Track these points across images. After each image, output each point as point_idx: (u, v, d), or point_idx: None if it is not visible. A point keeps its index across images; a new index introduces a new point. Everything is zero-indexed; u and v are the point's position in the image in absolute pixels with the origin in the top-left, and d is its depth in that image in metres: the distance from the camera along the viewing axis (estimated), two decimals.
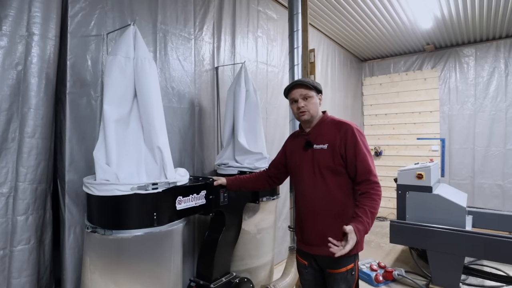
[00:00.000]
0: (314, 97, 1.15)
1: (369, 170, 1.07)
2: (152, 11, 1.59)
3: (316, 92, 1.16)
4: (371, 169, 1.07)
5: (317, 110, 1.16)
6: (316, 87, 1.16)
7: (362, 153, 1.08)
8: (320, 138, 1.14)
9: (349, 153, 1.08)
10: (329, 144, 1.11)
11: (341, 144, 1.09)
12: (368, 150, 1.10)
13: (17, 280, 1.08)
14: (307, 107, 1.13)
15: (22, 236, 1.10)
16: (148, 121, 1.13)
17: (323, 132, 1.15)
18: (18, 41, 1.11)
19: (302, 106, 1.13)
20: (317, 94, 1.17)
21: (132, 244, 1.04)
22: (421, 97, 3.91)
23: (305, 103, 1.13)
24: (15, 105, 1.11)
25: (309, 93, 1.14)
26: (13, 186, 1.09)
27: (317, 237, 1.12)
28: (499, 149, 3.43)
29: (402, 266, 2.49)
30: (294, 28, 1.83)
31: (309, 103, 1.13)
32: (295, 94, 1.15)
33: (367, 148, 1.11)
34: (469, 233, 1.94)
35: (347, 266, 1.10)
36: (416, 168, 2.24)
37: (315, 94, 1.15)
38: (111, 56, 1.10)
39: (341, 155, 1.09)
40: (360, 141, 1.09)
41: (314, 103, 1.14)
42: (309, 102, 1.13)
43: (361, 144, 1.08)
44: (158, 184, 1.07)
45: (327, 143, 1.11)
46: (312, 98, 1.14)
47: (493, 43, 3.48)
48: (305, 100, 1.13)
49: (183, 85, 1.76)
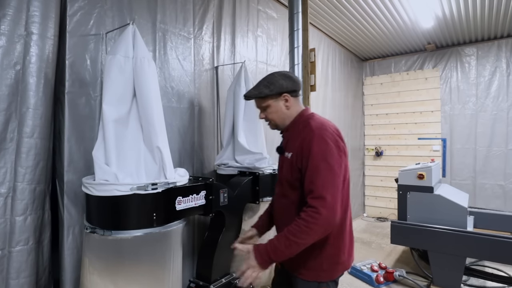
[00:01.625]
0: (272, 105, 0.97)
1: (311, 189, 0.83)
2: (151, 10, 1.59)
3: (274, 96, 0.97)
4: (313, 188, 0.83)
5: (283, 115, 0.99)
6: (268, 94, 0.96)
7: (313, 164, 0.85)
8: (290, 143, 0.97)
9: (304, 165, 0.88)
10: (293, 153, 0.93)
11: (298, 154, 0.90)
12: (325, 162, 0.84)
13: (16, 281, 1.08)
14: (267, 118, 1.01)
15: (20, 237, 1.09)
16: (148, 121, 1.13)
17: (292, 137, 0.97)
18: (17, 40, 1.10)
19: (262, 118, 1.02)
20: (277, 98, 0.97)
21: (131, 244, 1.04)
22: (422, 96, 3.89)
23: (265, 114, 1.00)
24: (14, 105, 1.10)
25: (263, 103, 0.98)
26: (12, 186, 1.09)
27: None
28: (500, 149, 3.41)
29: (403, 267, 2.48)
30: (294, 27, 1.82)
31: (268, 113, 0.99)
32: (256, 105, 1.02)
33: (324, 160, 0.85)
34: (471, 233, 1.93)
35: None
36: (417, 168, 2.23)
37: (272, 100, 0.97)
38: (110, 56, 1.10)
39: (298, 167, 0.90)
40: (316, 151, 0.86)
41: (273, 112, 0.98)
42: (268, 112, 0.99)
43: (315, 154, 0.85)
44: (157, 184, 1.06)
45: (292, 152, 0.94)
46: (270, 107, 0.98)
47: (495, 42, 3.46)
48: (264, 111, 1.00)
49: (183, 85, 1.76)
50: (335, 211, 0.83)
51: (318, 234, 0.83)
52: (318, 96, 3.21)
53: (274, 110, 0.98)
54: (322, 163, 0.85)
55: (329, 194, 0.82)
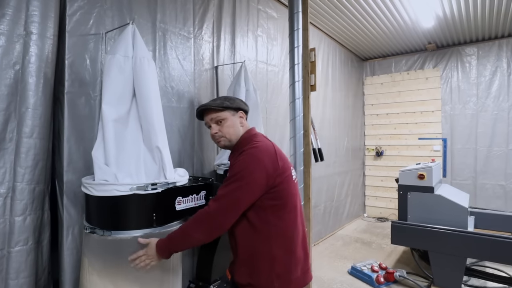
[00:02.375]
0: (229, 119, 0.97)
1: (217, 194, 0.88)
2: (151, 9, 1.58)
3: (232, 111, 0.98)
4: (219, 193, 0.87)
5: (236, 132, 0.98)
6: (229, 106, 0.97)
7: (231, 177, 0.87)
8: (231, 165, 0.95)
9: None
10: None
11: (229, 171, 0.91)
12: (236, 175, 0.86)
13: (15, 281, 1.07)
14: (221, 132, 0.98)
15: (20, 237, 1.09)
16: (147, 121, 1.12)
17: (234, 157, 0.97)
18: (16, 40, 1.10)
19: (215, 133, 0.99)
20: (234, 113, 0.99)
21: (131, 245, 1.03)
22: (423, 96, 3.89)
23: (219, 128, 0.98)
24: (13, 104, 1.10)
25: (221, 115, 0.97)
26: (11, 186, 1.08)
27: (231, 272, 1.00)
28: (501, 149, 3.40)
29: (404, 267, 2.47)
30: (294, 27, 1.81)
31: (223, 126, 0.98)
32: (207, 120, 1.01)
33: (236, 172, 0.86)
34: (471, 234, 1.93)
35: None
36: (418, 169, 2.22)
37: (230, 114, 0.98)
38: (110, 55, 1.09)
39: None
40: (236, 164, 0.88)
41: (229, 126, 0.97)
42: (223, 125, 0.97)
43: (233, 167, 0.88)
44: (157, 184, 1.06)
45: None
46: (226, 121, 0.97)
47: (496, 42, 3.45)
48: (218, 124, 0.98)
49: (183, 85, 1.75)
50: (225, 217, 0.86)
51: (205, 232, 0.87)
52: (318, 96, 3.21)
53: (230, 124, 0.98)
54: (236, 174, 0.87)
55: (226, 200, 0.86)
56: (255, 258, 0.91)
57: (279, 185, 0.90)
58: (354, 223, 3.87)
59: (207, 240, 0.89)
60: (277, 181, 0.89)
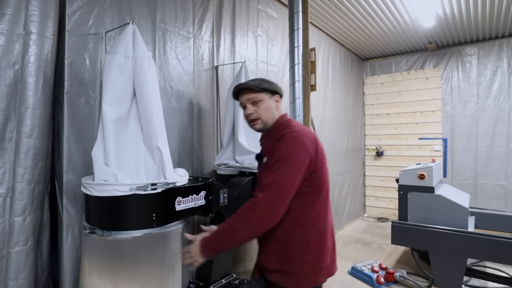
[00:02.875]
0: (266, 101, 0.95)
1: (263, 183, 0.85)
2: (151, 9, 1.58)
3: (269, 94, 0.96)
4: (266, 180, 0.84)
5: (272, 115, 0.97)
6: (267, 88, 0.96)
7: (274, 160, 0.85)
8: (265, 150, 0.96)
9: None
10: (268, 156, 0.93)
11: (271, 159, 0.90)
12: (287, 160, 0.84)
13: (14, 281, 1.07)
14: (257, 113, 0.95)
15: (19, 237, 1.09)
16: (147, 121, 1.12)
17: (269, 143, 0.96)
18: (16, 40, 1.10)
19: (250, 113, 0.96)
20: (272, 96, 0.97)
21: (131, 245, 1.03)
22: (423, 96, 3.88)
23: (254, 109, 0.95)
24: (12, 104, 1.09)
25: (258, 96, 0.95)
26: (11, 186, 1.08)
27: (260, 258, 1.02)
28: (502, 149, 3.40)
29: (404, 267, 2.47)
30: (294, 27, 1.81)
31: (259, 108, 0.95)
32: (243, 100, 0.98)
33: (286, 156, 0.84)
34: (472, 234, 1.92)
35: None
36: (418, 169, 2.22)
37: (267, 96, 0.96)
38: (110, 55, 1.09)
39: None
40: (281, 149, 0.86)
41: (266, 108, 0.95)
42: (259, 107, 0.95)
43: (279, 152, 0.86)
44: (157, 184, 1.05)
45: (267, 155, 0.93)
46: (263, 102, 0.95)
47: (496, 42, 3.45)
48: (254, 105, 0.96)
49: (182, 85, 1.75)
50: (276, 206, 0.82)
51: (255, 224, 0.81)
52: (318, 96, 3.20)
53: (267, 107, 0.96)
54: (279, 160, 0.85)
55: (273, 188, 0.82)
56: (288, 244, 0.90)
57: (318, 171, 0.89)
58: (354, 223, 3.87)
59: (257, 234, 0.84)
60: (317, 166, 0.89)
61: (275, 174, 0.84)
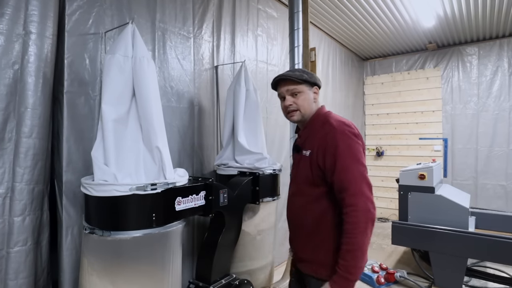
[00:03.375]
0: (306, 92, 0.95)
1: (345, 187, 0.83)
2: (151, 9, 1.58)
3: (309, 85, 0.96)
4: (347, 186, 0.83)
5: (310, 107, 0.96)
6: (307, 79, 0.95)
7: (343, 164, 0.84)
8: (308, 142, 0.96)
9: (328, 163, 0.87)
10: (311, 150, 0.92)
11: (319, 152, 0.89)
12: (357, 159, 0.86)
13: (14, 282, 1.07)
14: (296, 105, 0.95)
15: (19, 238, 1.08)
16: (147, 121, 1.12)
17: (311, 135, 0.96)
18: (15, 39, 1.10)
19: (289, 105, 0.96)
20: (311, 87, 0.96)
21: (130, 245, 1.03)
22: (424, 96, 3.87)
23: (293, 100, 0.95)
24: (12, 104, 1.09)
25: (298, 88, 0.94)
26: (10, 186, 1.08)
27: (295, 250, 1.02)
28: (502, 149, 3.39)
29: (404, 267, 2.46)
30: (294, 27, 1.80)
31: (298, 99, 0.95)
32: (282, 91, 0.98)
33: (354, 156, 0.85)
34: (472, 234, 1.92)
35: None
36: (418, 169, 2.21)
37: (307, 88, 0.95)
38: (110, 55, 1.09)
39: (319, 165, 0.89)
40: (344, 149, 0.85)
41: (305, 99, 0.95)
42: (299, 98, 0.95)
43: (343, 152, 0.85)
44: (157, 184, 1.05)
45: (310, 149, 0.93)
46: (303, 94, 0.95)
47: (497, 41, 3.44)
48: (294, 96, 0.95)
49: (182, 84, 1.75)
50: (372, 202, 0.84)
51: (369, 229, 0.83)
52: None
53: (306, 98, 0.96)
54: (349, 158, 0.85)
55: (363, 187, 0.84)
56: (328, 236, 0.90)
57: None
58: None
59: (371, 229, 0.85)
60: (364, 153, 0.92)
61: (356, 176, 0.84)
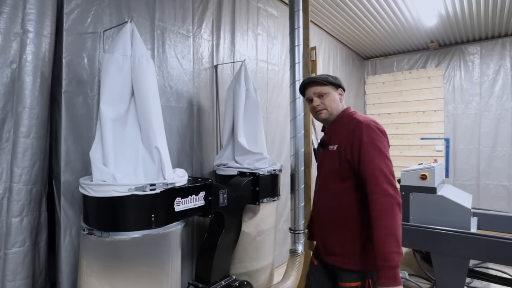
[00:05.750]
0: (331, 93, 1.05)
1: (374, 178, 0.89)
2: (150, 8, 1.56)
3: (334, 87, 1.06)
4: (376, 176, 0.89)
5: (337, 106, 1.06)
6: (332, 82, 1.06)
7: (368, 155, 0.92)
8: (334, 138, 1.04)
9: (355, 155, 0.94)
10: (339, 145, 1.00)
11: (347, 146, 0.97)
12: (381, 151, 0.93)
13: (12, 283, 1.06)
14: (324, 105, 1.05)
15: (16, 238, 1.08)
16: (146, 121, 1.11)
17: (337, 131, 1.04)
18: (13, 38, 1.09)
19: (317, 105, 1.05)
20: (336, 89, 1.07)
21: (129, 246, 1.02)
22: (425, 96, 3.85)
23: (321, 101, 1.05)
24: (10, 104, 1.08)
25: (324, 89, 1.05)
26: (8, 187, 1.07)
27: (322, 243, 1.07)
28: (505, 149, 3.37)
29: (406, 269, 2.45)
30: (295, 26, 1.79)
31: (325, 100, 1.05)
32: (309, 94, 1.08)
33: (378, 148, 0.93)
34: (474, 235, 1.90)
35: (351, 283, 0.97)
36: (420, 169, 2.19)
37: (332, 89, 1.06)
38: (108, 54, 1.08)
39: (347, 158, 0.97)
40: (369, 141, 0.93)
41: (331, 99, 1.05)
42: (325, 99, 1.05)
43: (368, 144, 0.92)
44: (156, 185, 1.04)
45: (337, 144, 1.01)
46: (329, 95, 1.05)
47: (499, 40, 3.42)
48: (320, 97, 1.05)
49: (182, 84, 1.74)
50: (396, 189, 0.90)
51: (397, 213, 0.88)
52: None
53: (332, 98, 1.06)
54: (374, 150, 0.93)
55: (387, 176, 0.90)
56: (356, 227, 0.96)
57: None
58: None
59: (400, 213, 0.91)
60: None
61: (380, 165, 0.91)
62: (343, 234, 0.98)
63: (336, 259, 1.00)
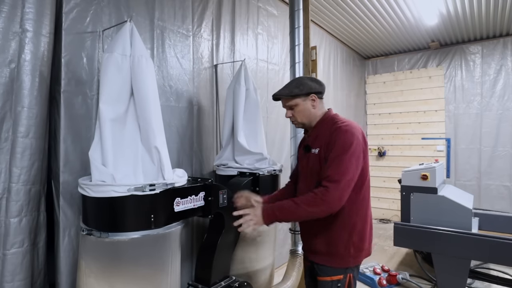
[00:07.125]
0: (300, 104, 1.06)
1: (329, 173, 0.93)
2: (149, 7, 1.56)
3: (302, 97, 1.06)
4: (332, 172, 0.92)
5: (309, 115, 1.08)
6: (298, 93, 1.05)
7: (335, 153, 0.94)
8: (316, 141, 1.06)
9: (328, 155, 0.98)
10: (320, 148, 1.03)
11: (326, 149, 1.00)
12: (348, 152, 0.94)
13: (10, 284, 1.06)
14: (294, 117, 1.09)
15: (15, 239, 1.07)
16: (145, 121, 1.10)
17: (319, 134, 1.07)
18: (11, 38, 1.08)
19: (290, 117, 1.11)
20: (306, 98, 1.06)
21: (128, 247, 1.01)
22: (426, 95, 3.84)
23: (291, 112, 1.09)
24: (8, 104, 1.08)
25: (292, 102, 1.07)
26: (6, 187, 1.07)
27: (307, 242, 1.11)
28: (506, 149, 3.35)
29: (407, 269, 2.44)
30: (295, 25, 1.78)
31: (295, 111, 1.08)
32: (283, 105, 1.12)
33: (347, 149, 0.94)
34: (475, 235, 1.89)
35: (332, 277, 1.02)
36: (421, 169, 2.18)
37: (301, 99, 1.06)
38: (107, 54, 1.07)
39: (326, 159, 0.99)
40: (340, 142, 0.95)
41: (300, 111, 1.07)
42: (295, 111, 1.08)
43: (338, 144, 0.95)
44: (155, 185, 1.04)
45: (319, 148, 1.04)
46: (298, 106, 1.06)
47: (500, 40, 3.40)
48: (292, 109, 1.09)
49: (181, 84, 1.73)
50: (343, 196, 0.93)
51: (321, 210, 0.93)
52: None
53: (302, 109, 1.07)
54: (342, 152, 0.95)
55: (343, 179, 0.92)
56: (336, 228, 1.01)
57: (365, 162, 1.01)
58: None
59: (313, 218, 0.96)
60: (365, 157, 1.01)
61: (341, 165, 0.94)
62: (329, 235, 1.02)
63: (323, 259, 1.04)
